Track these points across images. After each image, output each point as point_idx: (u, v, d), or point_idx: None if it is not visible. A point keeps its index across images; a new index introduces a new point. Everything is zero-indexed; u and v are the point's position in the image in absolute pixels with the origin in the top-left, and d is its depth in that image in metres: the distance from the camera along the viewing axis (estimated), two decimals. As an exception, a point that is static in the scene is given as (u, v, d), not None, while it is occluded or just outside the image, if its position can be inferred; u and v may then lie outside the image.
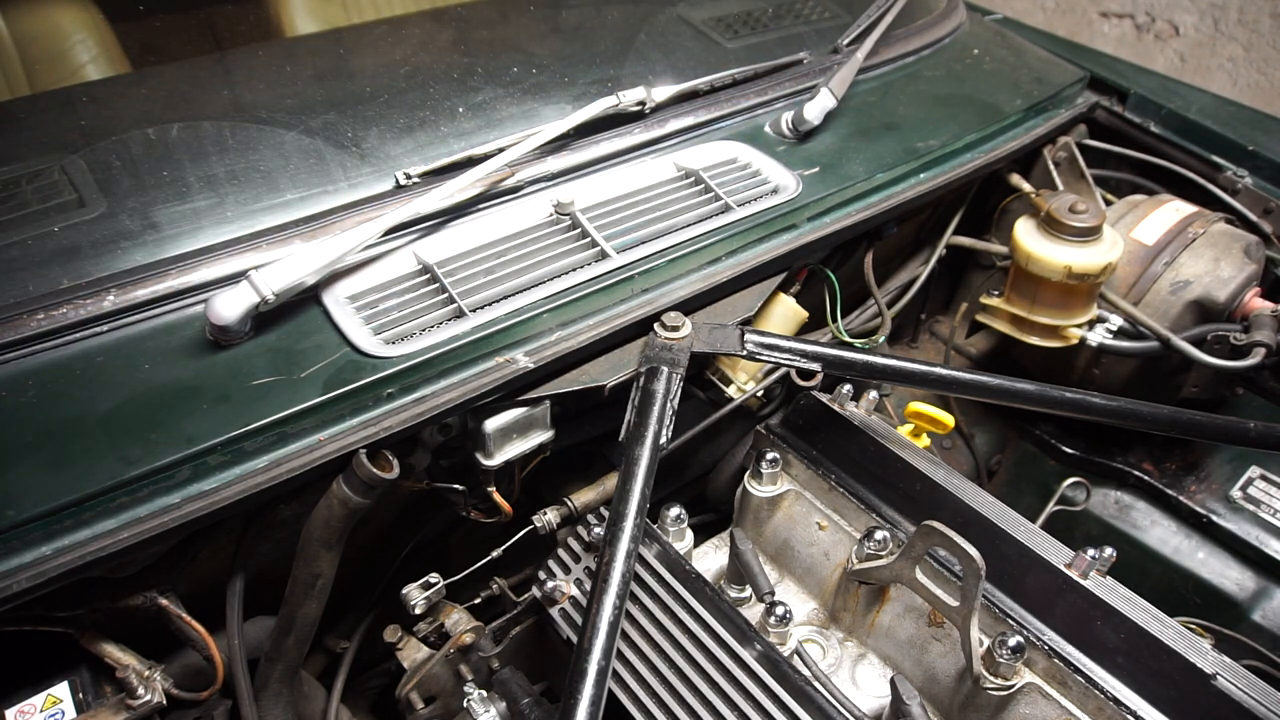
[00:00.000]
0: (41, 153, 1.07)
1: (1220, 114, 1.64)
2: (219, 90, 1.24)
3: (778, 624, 0.96)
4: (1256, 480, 1.42)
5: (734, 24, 1.56)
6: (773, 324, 1.26)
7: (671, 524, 1.07)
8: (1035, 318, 1.40)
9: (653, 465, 0.94)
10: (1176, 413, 1.17)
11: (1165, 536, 1.43)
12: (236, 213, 1.04)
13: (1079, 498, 1.50)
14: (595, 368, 1.07)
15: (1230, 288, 1.37)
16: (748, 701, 0.87)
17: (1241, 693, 0.84)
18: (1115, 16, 3.86)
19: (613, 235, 1.12)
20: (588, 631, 0.80)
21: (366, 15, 1.64)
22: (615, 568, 0.85)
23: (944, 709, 0.96)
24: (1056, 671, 0.89)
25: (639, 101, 1.26)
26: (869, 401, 1.20)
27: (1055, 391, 1.11)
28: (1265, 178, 1.55)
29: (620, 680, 0.93)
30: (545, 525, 1.16)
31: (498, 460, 1.04)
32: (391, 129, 1.18)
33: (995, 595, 0.95)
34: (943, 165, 1.38)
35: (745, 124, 1.36)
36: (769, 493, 1.11)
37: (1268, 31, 3.48)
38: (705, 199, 1.20)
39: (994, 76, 1.61)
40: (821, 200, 1.24)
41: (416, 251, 1.06)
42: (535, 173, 1.17)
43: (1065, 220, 1.33)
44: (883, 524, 1.03)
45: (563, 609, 1.05)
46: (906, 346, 1.81)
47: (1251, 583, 1.36)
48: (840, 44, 1.52)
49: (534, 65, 1.34)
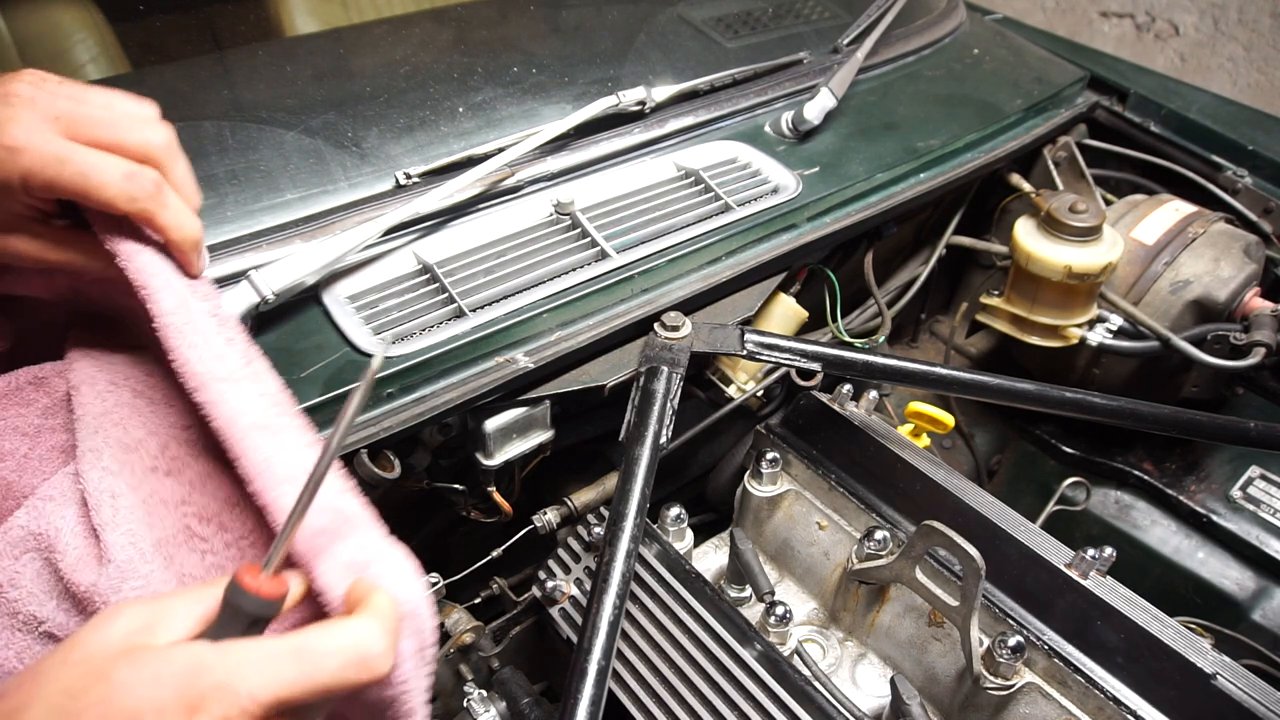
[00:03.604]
0: (41, 153, 1.07)
1: (1220, 114, 1.64)
2: (219, 90, 1.24)
3: (778, 624, 0.96)
4: (1256, 480, 1.42)
5: (734, 24, 1.56)
6: (773, 324, 1.26)
7: (671, 524, 1.07)
8: (1035, 318, 1.40)
9: (653, 465, 0.94)
10: (1176, 413, 1.17)
11: (1165, 536, 1.43)
12: (236, 212, 1.04)
13: (1079, 498, 1.50)
14: (595, 368, 1.07)
15: (1230, 287, 1.37)
16: (748, 701, 0.87)
17: (1241, 693, 0.84)
18: (1115, 16, 3.86)
19: (613, 235, 1.12)
20: (588, 631, 0.80)
21: (366, 15, 1.64)
22: (615, 568, 0.85)
23: (944, 709, 0.96)
24: (1056, 671, 0.89)
25: (639, 101, 1.26)
26: (869, 401, 1.20)
27: (1055, 391, 1.11)
28: (1265, 177, 1.55)
29: (620, 680, 0.93)
30: (545, 525, 1.16)
31: (498, 460, 1.04)
32: (391, 129, 1.18)
33: (995, 595, 0.95)
34: (943, 165, 1.38)
35: (745, 124, 1.36)
36: (769, 493, 1.11)
37: (1268, 31, 3.48)
38: (705, 199, 1.20)
39: (994, 76, 1.61)
40: (821, 200, 1.24)
41: (416, 251, 1.06)
42: (535, 173, 1.17)
43: (1065, 220, 1.33)
44: (883, 524, 1.03)
45: (563, 609, 1.05)
46: (906, 346, 1.81)
47: (1251, 583, 1.36)
48: (840, 44, 1.52)
49: (534, 65, 1.34)
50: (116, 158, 0.69)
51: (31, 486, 0.75)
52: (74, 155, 0.67)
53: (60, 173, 0.67)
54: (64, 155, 0.67)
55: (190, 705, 0.48)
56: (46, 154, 0.66)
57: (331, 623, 0.55)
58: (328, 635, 0.53)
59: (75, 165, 0.67)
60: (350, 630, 0.54)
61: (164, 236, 0.72)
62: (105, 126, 0.69)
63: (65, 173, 0.67)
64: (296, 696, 0.51)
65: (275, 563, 0.55)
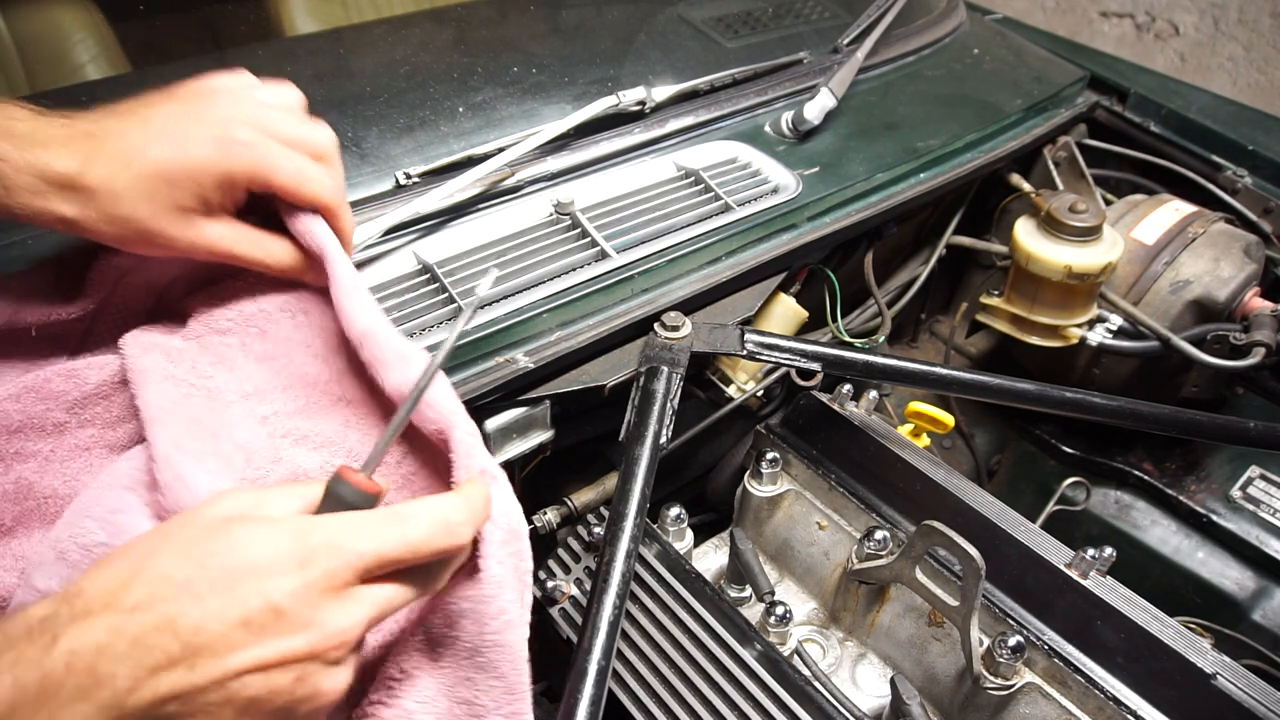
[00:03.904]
0: (41, 153, 1.07)
1: (1220, 114, 1.64)
2: (219, 90, 1.24)
3: (778, 624, 0.96)
4: (1256, 480, 1.42)
5: (734, 24, 1.56)
6: (773, 324, 1.26)
7: (671, 524, 1.07)
8: (1035, 318, 1.40)
9: (653, 465, 0.94)
10: (1176, 412, 1.17)
11: (1165, 536, 1.43)
12: (236, 213, 1.04)
13: (1079, 498, 1.50)
14: (595, 368, 1.07)
15: (1230, 287, 1.37)
16: (748, 701, 0.87)
17: (1241, 693, 0.84)
18: (1115, 16, 3.86)
19: (613, 235, 1.12)
20: (588, 631, 0.80)
21: (366, 15, 1.64)
22: (615, 568, 0.85)
23: (944, 709, 0.96)
24: (1056, 671, 0.89)
25: (639, 101, 1.26)
26: (869, 401, 1.20)
27: (1055, 391, 1.11)
28: (1265, 177, 1.55)
29: (620, 680, 0.93)
30: (545, 525, 1.16)
31: (498, 460, 1.03)
32: (391, 129, 1.18)
33: (995, 595, 0.95)
34: (943, 165, 1.38)
35: (745, 124, 1.36)
36: (769, 492, 1.11)
37: (1268, 31, 3.48)
38: (705, 199, 1.20)
39: (994, 76, 1.61)
40: (821, 200, 1.24)
41: (416, 251, 1.06)
42: (535, 173, 1.17)
43: (1065, 220, 1.33)
44: (883, 524, 1.03)
45: (563, 609, 1.05)
46: (906, 346, 1.81)
47: (1251, 583, 1.36)
48: (840, 44, 1.52)
49: (534, 65, 1.34)
50: (319, 161, 0.79)
51: (52, 488, 0.75)
52: (286, 155, 0.76)
53: (283, 169, 0.75)
54: (279, 154, 0.75)
55: (302, 560, 0.54)
56: (272, 151, 0.75)
57: (424, 498, 0.62)
58: (420, 505, 0.60)
59: (292, 164, 0.76)
60: (439, 501, 0.61)
61: (338, 226, 0.81)
62: (295, 127, 0.78)
63: (287, 169, 0.75)
64: (393, 554, 0.57)
65: (375, 463, 0.61)
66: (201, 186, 0.73)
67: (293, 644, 0.53)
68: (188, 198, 0.73)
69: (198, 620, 0.50)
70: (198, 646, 0.50)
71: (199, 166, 0.72)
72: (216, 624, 0.51)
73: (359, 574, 0.56)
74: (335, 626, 0.54)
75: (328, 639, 0.54)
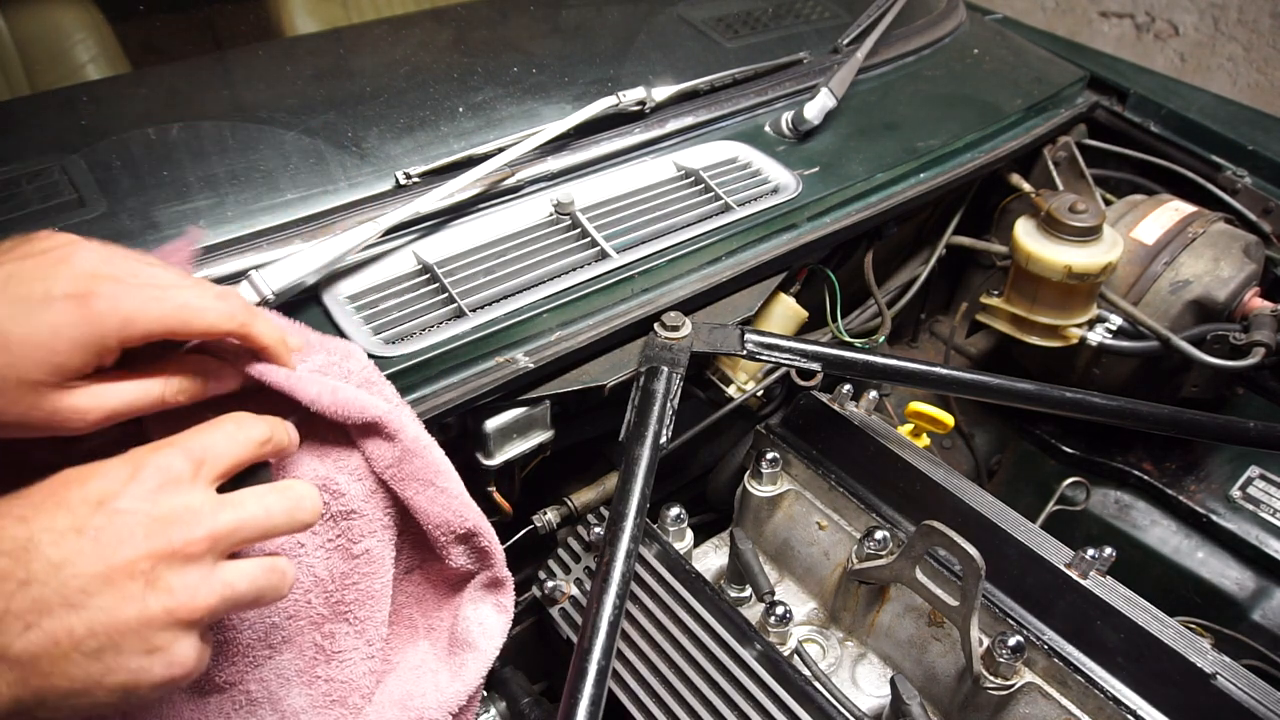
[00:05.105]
0: (42, 152, 1.07)
1: (1220, 114, 1.64)
2: (219, 90, 1.24)
3: (778, 624, 0.96)
4: (1256, 480, 1.42)
5: (734, 24, 1.56)
6: (773, 324, 1.26)
7: (671, 524, 1.07)
8: (1035, 318, 1.40)
9: (653, 465, 0.94)
10: (1176, 413, 1.17)
11: (1165, 536, 1.43)
12: (236, 212, 1.04)
13: (1079, 498, 1.50)
14: (595, 368, 1.07)
15: (1230, 287, 1.37)
16: (748, 701, 0.87)
17: (1241, 693, 0.84)
18: (1115, 16, 3.86)
19: (613, 235, 1.12)
20: (588, 631, 0.80)
21: (366, 15, 1.65)
22: (615, 568, 0.85)
23: (944, 709, 0.96)
24: (1056, 671, 0.89)
25: (639, 101, 1.26)
26: (869, 401, 1.20)
27: (1055, 391, 1.11)
28: (1265, 178, 1.55)
29: (620, 680, 0.93)
30: (545, 525, 1.16)
31: (498, 460, 1.04)
32: (391, 129, 1.18)
33: (995, 595, 0.95)
34: (943, 165, 1.38)
35: (745, 124, 1.36)
36: (769, 492, 1.11)
37: (1268, 31, 3.48)
38: (705, 199, 1.20)
39: (994, 76, 1.61)
40: (821, 200, 1.24)
41: (416, 251, 1.06)
42: (535, 173, 1.17)
43: (1065, 220, 1.33)
44: (883, 524, 1.03)
45: (563, 609, 1.05)
46: (906, 346, 1.81)
47: (1251, 583, 1.36)
48: (840, 44, 1.52)
49: (534, 65, 1.34)
50: (201, 283, 0.71)
51: None
52: (166, 290, 0.67)
53: (162, 309, 0.66)
54: (157, 293, 0.67)
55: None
56: (146, 294, 0.66)
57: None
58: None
59: (173, 298, 0.67)
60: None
61: (260, 344, 0.74)
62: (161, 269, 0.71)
63: (167, 308, 0.67)
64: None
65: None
66: (56, 354, 0.63)
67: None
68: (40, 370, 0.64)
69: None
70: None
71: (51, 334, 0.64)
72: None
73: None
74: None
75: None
